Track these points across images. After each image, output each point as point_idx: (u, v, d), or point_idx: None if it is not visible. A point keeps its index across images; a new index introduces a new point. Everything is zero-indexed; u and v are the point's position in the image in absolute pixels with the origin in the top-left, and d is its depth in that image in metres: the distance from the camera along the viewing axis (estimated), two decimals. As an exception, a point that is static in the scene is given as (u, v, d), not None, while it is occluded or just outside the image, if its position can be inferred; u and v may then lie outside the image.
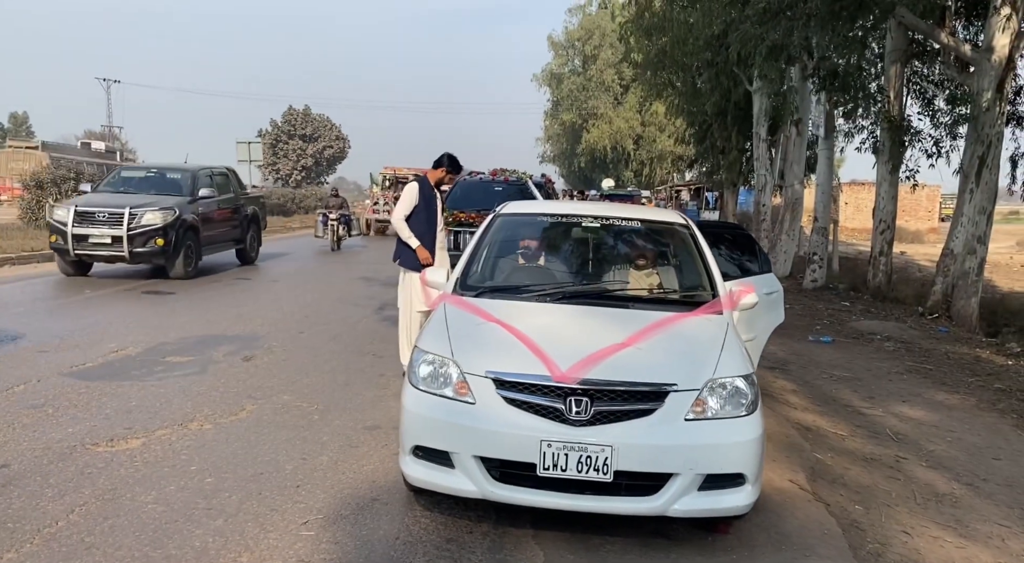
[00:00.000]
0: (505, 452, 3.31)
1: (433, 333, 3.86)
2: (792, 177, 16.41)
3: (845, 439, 5.51)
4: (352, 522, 3.67)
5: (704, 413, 3.39)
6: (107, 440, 4.65)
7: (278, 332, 8.26)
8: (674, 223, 5.12)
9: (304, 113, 68.62)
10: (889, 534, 3.91)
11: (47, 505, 3.70)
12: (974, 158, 10.99)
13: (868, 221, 33.54)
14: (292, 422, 5.18)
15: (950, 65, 12.04)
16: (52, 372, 6.17)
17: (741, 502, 3.38)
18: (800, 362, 8.14)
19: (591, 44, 53.74)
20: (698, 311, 4.17)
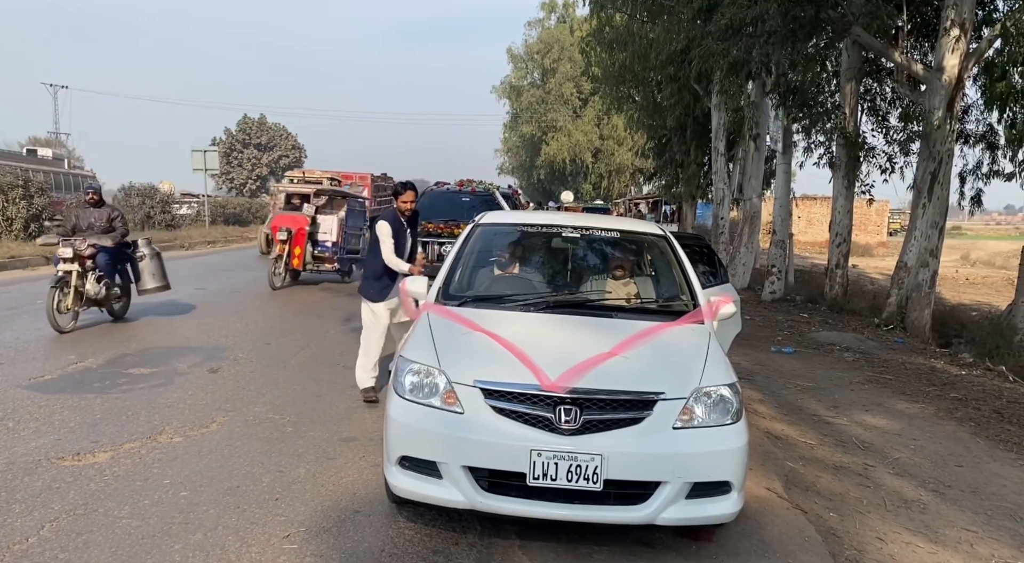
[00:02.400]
0: (494, 462, 3.29)
1: (418, 343, 3.82)
2: (750, 191, 16.74)
3: (814, 448, 5.62)
4: (335, 535, 3.61)
5: (691, 421, 3.43)
6: (73, 454, 4.49)
7: (243, 343, 8.10)
8: (652, 234, 5.18)
9: (259, 122, 67.70)
10: (865, 540, 4.00)
11: (15, 521, 3.55)
12: (926, 174, 11.37)
13: (819, 234, 34.39)
14: (265, 434, 5.08)
15: (903, 83, 12.44)
16: (9, 385, 5.94)
17: (727, 510, 3.42)
18: (764, 372, 8.28)
19: (550, 57, 54.23)
20: (680, 321, 4.22)
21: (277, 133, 67.84)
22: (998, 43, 10.90)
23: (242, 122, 67.32)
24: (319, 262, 13.53)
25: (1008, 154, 12.10)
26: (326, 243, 13.48)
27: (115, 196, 28.17)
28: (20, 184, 17.52)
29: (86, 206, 8.95)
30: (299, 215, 13.22)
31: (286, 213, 13.60)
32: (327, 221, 13.64)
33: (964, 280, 24.38)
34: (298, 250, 12.97)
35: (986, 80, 10.98)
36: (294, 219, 13.12)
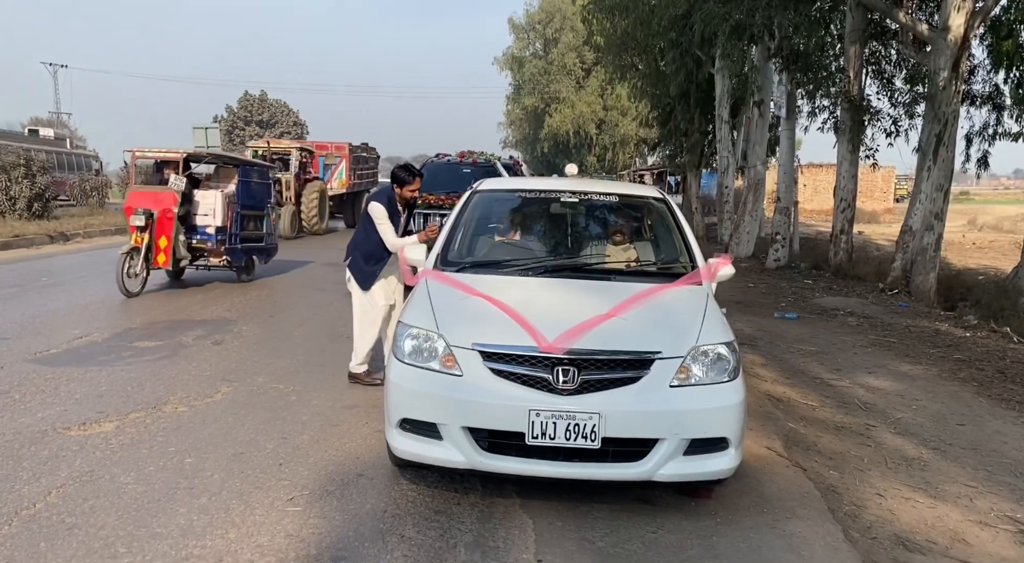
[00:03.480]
0: (493, 422, 3.32)
1: (416, 308, 3.84)
2: (755, 158, 16.62)
3: (816, 409, 5.64)
4: (338, 497, 3.66)
5: (688, 380, 3.44)
6: (79, 424, 4.55)
7: (247, 316, 8.14)
8: (650, 197, 5.16)
9: (261, 99, 67.35)
10: (864, 496, 4.02)
11: (23, 488, 3.61)
12: (931, 136, 11.26)
13: (825, 202, 34.18)
14: (269, 403, 5.12)
15: (908, 44, 12.27)
16: (16, 359, 6.00)
17: (725, 465, 3.45)
18: (767, 338, 8.29)
19: (552, 27, 53.59)
20: (678, 282, 4.22)
21: (279, 110, 67.50)
22: (1005, 1, 10.72)
23: (243, 99, 66.98)
24: (199, 255, 10.10)
25: (1015, 114, 11.96)
26: (206, 229, 9.92)
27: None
28: (23, 163, 17.50)
29: None
30: (163, 191, 9.44)
31: (144, 189, 9.85)
32: (207, 198, 10.00)
33: (971, 245, 24.24)
34: (164, 241, 9.31)
35: (992, 39, 10.82)
36: (156, 197, 9.40)
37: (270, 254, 11.48)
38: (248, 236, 10.55)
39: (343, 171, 21.88)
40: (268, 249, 11.33)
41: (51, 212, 18.35)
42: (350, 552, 3.13)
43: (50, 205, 18.48)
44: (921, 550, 3.45)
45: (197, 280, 10.63)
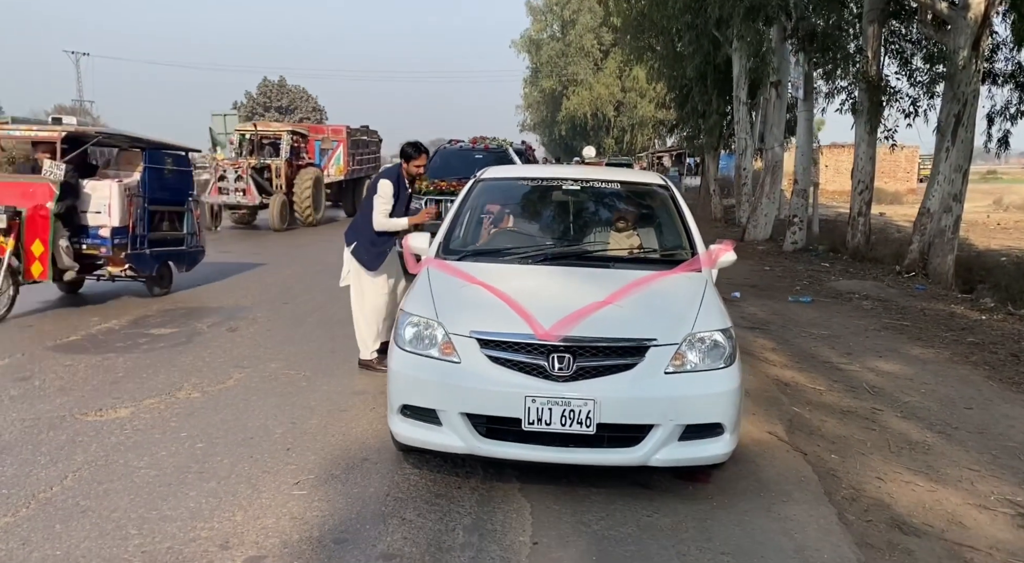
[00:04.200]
0: (490, 408, 3.39)
1: (417, 296, 3.91)
2: (772, 140, 16.47)
3: (822, 393, 5.65)
4: (343, 481, 3.76)
5: (683, 366, 3.49)
6: (96, 410, 4.69)
7: (262, 303, 8.28)
8: (653, 184, 5.18)
9: (279, 85, 67.61)
10: (863, 480, 4.05)
11: (40, 472, 3.75)
12: (950, 116, 11.10)
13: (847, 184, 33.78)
14: (280, 389, 5.24)
15: (927, 23, 12.07)
16: (36, 346, 6.17)
17: (720, 451, 3.50)
18: (780, 322, 8.28)
19: (570, 9, 53.18)
20: (677, 269, 4.25)
21: (298, 95, 67.74)
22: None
23: (262, 85, 67.28)
24: (93, 264, 8.14)
25: (1035, 93, 11.76)
26: (99, 231, 7.78)
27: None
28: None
29: None
30: (35, 182, 7.33)
31: (7, 179, 7.55)
32: (99, 191, 7.80)
33: (995, 225, 23.83)
34: (39, 246, 7.23)
35: (1016, 16, 10.61)
36: (24, 190, 7.27)
37: (193, 259, 9.29)
38: (160, 238, 8.44)
39: (341, 156, 20.13)
40: (190, 253, 9.16)
41: (73, 200, 18.67)
42: (352, 534, 3.23)
43: (73, 193, 18.80)
44: (917, 532, 3.49)
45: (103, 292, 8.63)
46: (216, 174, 16.23)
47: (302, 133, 18.31)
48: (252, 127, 17.68)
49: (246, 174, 15.90)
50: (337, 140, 20.06)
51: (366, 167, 21.78)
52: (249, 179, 15.86)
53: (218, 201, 16.07)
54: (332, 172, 19.89)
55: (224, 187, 15.99)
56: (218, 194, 16.00)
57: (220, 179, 16.02)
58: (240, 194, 15.98)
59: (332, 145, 19.85)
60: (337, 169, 20.06)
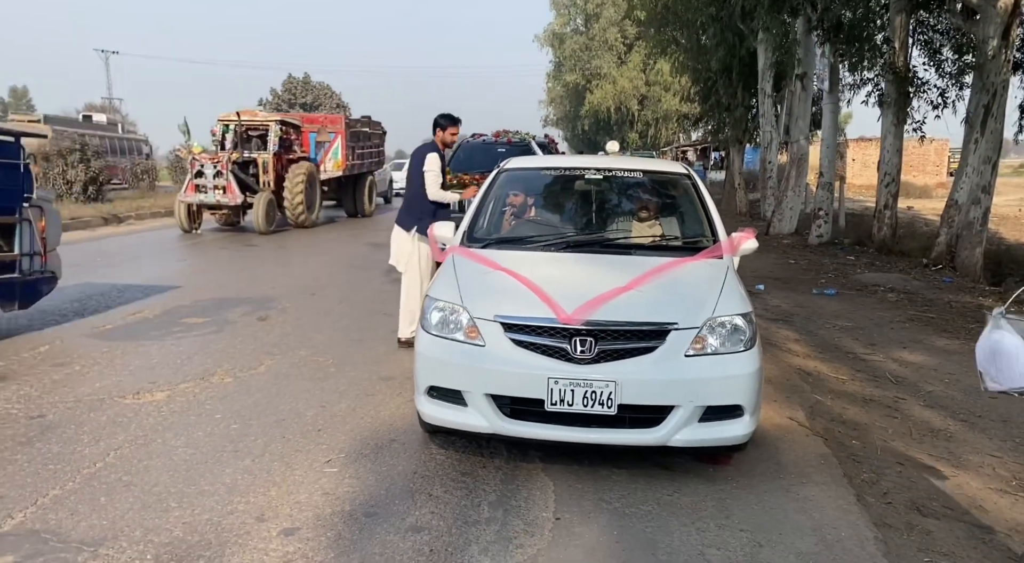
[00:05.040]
0: (514, 389, 3.49)
1: (443, 282, 4.02)
2: (797, 133, 16.36)
3: (845, 382, 5.67)
4: (372, 460, 3.88)
5: (704, 349, 3.55)
6: (133, 393, 4.86)
7: (290, 294, 8.45)
8: (675, 173, 5.24)
9: (304, 81, 68.05)
10: (883, 465, 4.09)
11: (84, 449, 3.92)
12: (979, 107, 10.97)
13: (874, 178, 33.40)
14: (310, 375, 5.38)
15: (955, 13, 11.92)
16: (74, 334, 6.38)
17: (739, 432, 3.56)
18: (804, 314, 8.28)
19: (593, 2, 52.93)
20: (699, 256, 4.32)
21: (322, 92, 68.08)
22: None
23: (287, 82, 67.78)
24: None
25: (1068, 84, 11.58)
26: None
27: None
28: (78, 149, 18.20)
29: None
30: None
31: None
32: None
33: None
34: None
35: (1048, 5, 10.47)
36: None
37: (33, 291, 6.54)
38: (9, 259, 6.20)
39: (339, 149, 18.00)
40: (26, 284, 6.41)
41: (105, 195, 19.06)
42: (381, 508, 3.35)
43: (104, 188, 19.18)
44: (936, 515, 3.53)
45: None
46: (192, 170, 14.44)
47: (293, 124, 16.63)
48: (235, 116, 15.45)
49: (226, 169, 14.18)
50: (334, 132, 17.97)
51: (368, 161, 20.12)
52: (230, 175, 14.19)
53: (194, 200, 14.38)
54: (329, 167, 17.93)
55: (201, 184, 14.28)
56: (194, 192, 14.32)
57: (197, 175, 14.31)
58: (219, 192, 14.25)
59: (329, 137, 17.80)
60: (335, 164, 18.02)
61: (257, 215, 14.37)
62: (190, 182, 14.33)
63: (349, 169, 18.34)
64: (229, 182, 14.16)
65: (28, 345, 5.95)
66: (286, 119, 16.22)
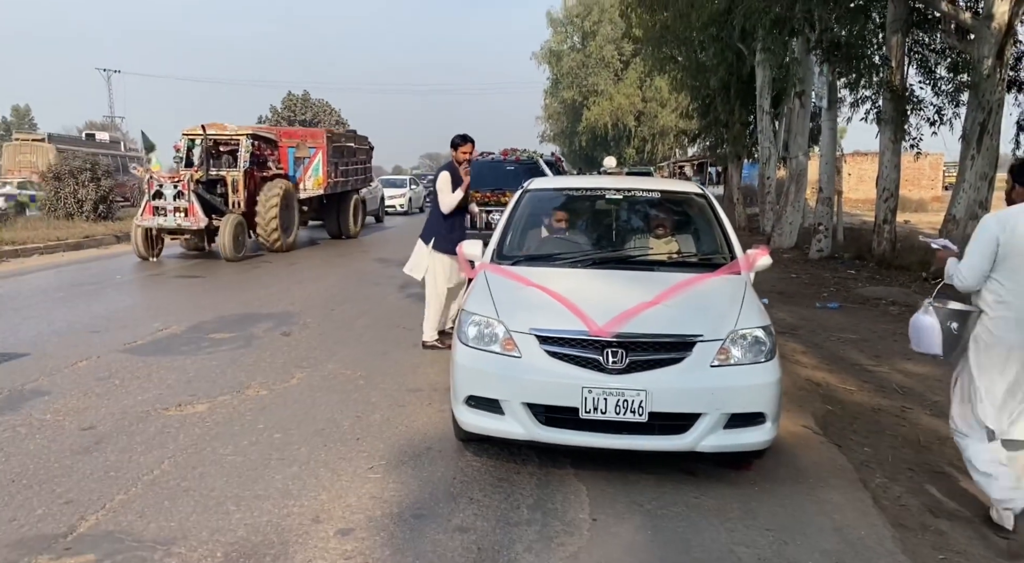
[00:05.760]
0: (550, 398, 3.71)
1: (478, 298, 4.25)
2: (796, 149, 16.68)
3: (853, 393, 5.90)
4: (412, 466, 4.10)
5: (728, 360, 3.79)
6: (176, 405, 5.07)
7: (309, 310, 8.66)
8: (691, 193, 5.50)
9: (303, 98, 68.58)
10: (896, 470, 4.31)
11: (139, 458, 4.13)
12: (975, 125, 11.29)
13: (871, 192, 33.76)
14: (341, 387, 5.60)
15: (950, 33, 12.27)
16: (108, 349, 6.59)
17: (762, 438, 3.79)
18: (809, 327, 8.50)
19: (590, 20, 53.62)
20: (718, 272, 4.56)
21: (321, 109, 68.60)
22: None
23: (287, 99, 68.30)
24: None
25: (1062, 102, 11.91)
26: None
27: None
28: (88, 168, 18.42)
29: None
30: None
31: None
32: None
33: (1022, 233, 23.77)
34: None
35: (1040, 26, 10.82)
36: None
37: None
38: None
39: (319, 166, 16.54)
40: None
41: (115, 213, 19.26)
42: (427, 510, 3.57)
43: (113, 207, 19.39)
44: (949, 517, 3.74)
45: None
46: (150, 190, 12.91)
47: (267, 138, 15.40)
48: (200, 130, 13.88)
49: (187, 189, 12.76)
50: (315, 147, 16.48)
51: (354, 179, 18.75)
52: (192, 195, 12.78)
53: (152, 224, 12.83)
54: (309, 185, 16.49)
55: (160, 207, 12.81)
56: (152, 215, 12.83)
57: (156, 196, 12.84)
58: (180, 215, 12.82)
59: (309, 153, 16.35)
60: (315, 181, 16.55)
61: (223, 239, 12.80)
62: (147, 204, 12.90)
63: (331, 187, 16.97)
64: (191, 203, 12.78)
65: (66, 361, 6.16)
66: (259, 133, 15.04)
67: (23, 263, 12.70)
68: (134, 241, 13.00)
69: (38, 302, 8.85)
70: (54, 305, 8.66)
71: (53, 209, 18.10)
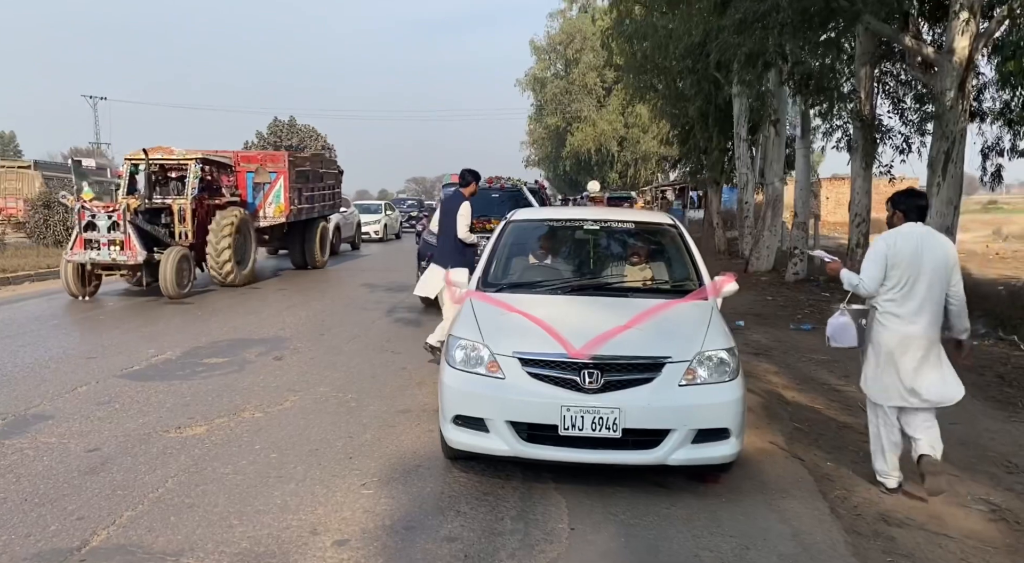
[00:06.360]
0: (531, 416, 4.01)
1: (464, 323, 4.55)
2: (772, 175, 17.18)
3: (821, 411, 6.22)
4: (402, 483, 4.37)
5: (694, 380, 4.11)
6: (175, 428, 5.31)
7: (300, 335, 8.91)
8: (664, 223, 5.85)
9: (290, 124, 68.96)
10: (855, 483, 4.62)
11: (144, 477, 4.37)
12: (940, 153, 11.75)
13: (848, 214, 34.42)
14: (333, 409, 5.86)
15: (915, 66, 12.79)
16: (106, 375, 6.81)
17: (727, 451, 4.10)
18: (782, 348, 8.85)
19: (573, 48, 54.59)
20: (686, 298, 4.90)
21: (307, 134, 68.93)
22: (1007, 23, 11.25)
23: (273, 125, 68.63)
24: None
25: (1021, 131, 12.45)
26: None
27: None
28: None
29: None
30: None
31: None
32: None
33: (994, 255, 24.41)
34: None
35: (999, 59, 11.33)
36: None
37: None
38: None
39: (281, 192, 15.37)
40: None
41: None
42: (417, 522, 3.84)
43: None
44: (899, 524, 4.05)
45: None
46: (81, 221, 11.47)
47: (220, 162, 14.27)
48: (141, 155, 12.53)
49: (123, 219, 11.35)
50: (276, 171, 15.32)
51: (321, 205, 17.54)
52: (128, 226, 11.39)
53: (83, 259, 11.43)
54: (270, 212, 15.34)
55: (93, 239, 11.40)
56: (83, 249, 11.41)
57: (87, 228, 11.43)
58: (115, 248, 11.39)
59: (269, 178, 15.19)
60: (277, 208, 15.40)
61: (164, 275, 11.36)
62: (79, 237, 11.48)
63: (294, 214, 15.82)
64: (127, 235, 11.40)
65: (66, 386, 6.38)
66: (211, 157, 13.92)
67: (15, 290, 12.87)
68: (64, 278, 11.54)
69: (33, 329, 9.05)
70: (49, 332, 8.87)
71: (42, 237, 18.24)
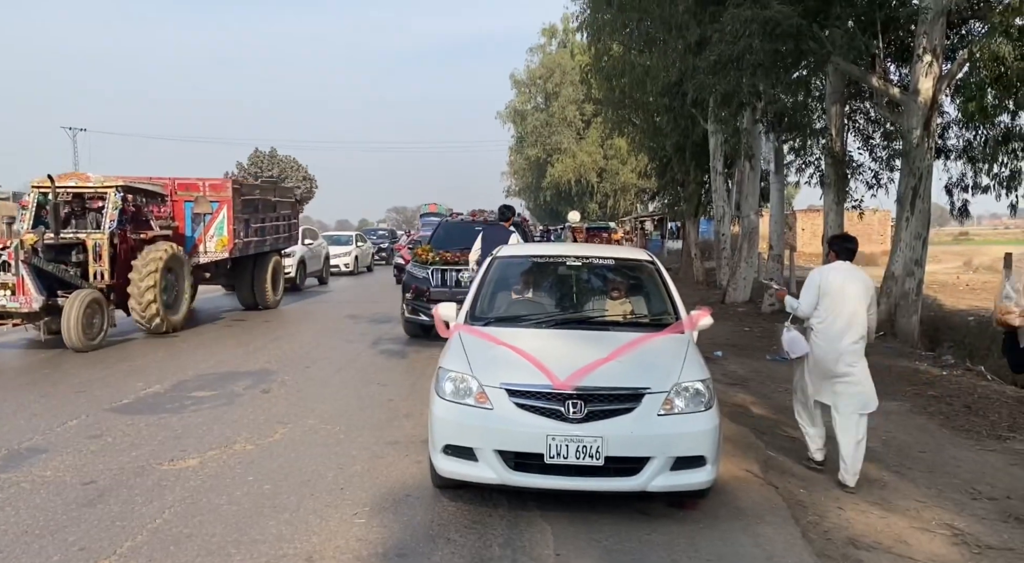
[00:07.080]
0: (518, 445, 4.20)
1: (453, 356, 4.75)
2: (748, 208, 17.63)
3: (795, 440, 6.43)
4: (393, 512, 4.52)
5: (672, 410, 4.32)
6: (168, 460, 5.43)
7: (286, 368, 9.03)
8: (642, 260, 6.12)
9: (271, 155, 69.14)
10: (826, 508, 4.83)
11: (141, 509, 4.48)
12: (908, 189, 12.22)
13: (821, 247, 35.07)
14: (322, 441, 5.99)
15: (883, 106, 13.34)
16: (96, 408, 6.90)
17: (704, 478, 4.31)
18: (758, 378, 9.10)
19: (552, 82, 55.57)
20: (664, 332, 5.14)
21: (288, 165, 69.08)
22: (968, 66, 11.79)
23: (253, 156, 68.76)
24: None
25: (984, 168, 12.96)
26: None
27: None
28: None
29: None
30: None
31: None
32: None
33: (964, 286, 25.02)
34: None
35: (962, 99, 11.85)
36: None
37: None
38: None
39: (224, 223, 13.57)
40: None
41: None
42: (409, 550, 3.99)
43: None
44: (867, 547, 4.26)
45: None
46: None
47: (148, 190, 12.41)
48: (47, 182, 10.71)
49: (15, 259, 9.65)
50: (218, 201, 13.50)
51: (274, 238, 15.62)
52: (22, 267, 9.68)
53: None
54: (212, 246, 13.59)
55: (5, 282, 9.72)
56: None
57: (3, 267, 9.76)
58: (6, 293, 9.72)
59: (211, 208, 13.33)
60: (219, 242, 13.61)
61: (68, 322, 9.66)
62: None
63: (240, 249, 13.93)
64: (20, 277, 9.67)
65: (57, 420, 6.46)
66: (135, 185, 12.01)
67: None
68: None
69: (21, 364, 9.09)
70: (39, 364, 8.91)
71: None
